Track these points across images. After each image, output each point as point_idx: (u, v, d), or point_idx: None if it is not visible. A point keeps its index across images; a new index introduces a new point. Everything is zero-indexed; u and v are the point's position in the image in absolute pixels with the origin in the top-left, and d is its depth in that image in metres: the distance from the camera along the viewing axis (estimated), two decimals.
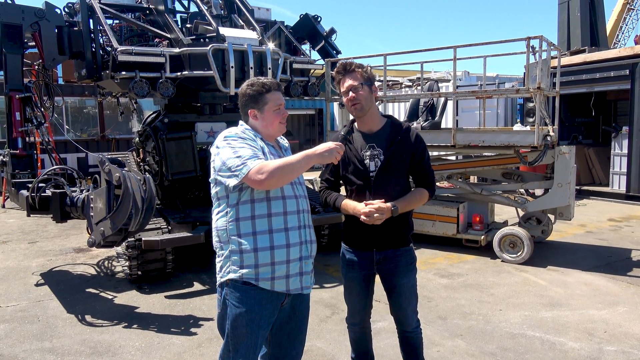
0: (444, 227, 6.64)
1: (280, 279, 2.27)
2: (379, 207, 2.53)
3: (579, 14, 14.19)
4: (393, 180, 2.67)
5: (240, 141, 2.25)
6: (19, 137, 5.63)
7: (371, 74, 2.71)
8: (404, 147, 2.67)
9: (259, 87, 2.34)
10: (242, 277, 2.25)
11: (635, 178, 10.01)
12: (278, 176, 2.13)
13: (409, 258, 2.78)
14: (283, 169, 2.15)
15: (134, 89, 5.33)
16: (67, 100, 13.97)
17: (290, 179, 2.26)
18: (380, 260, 2.73)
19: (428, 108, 7.23)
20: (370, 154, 2.68)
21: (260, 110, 2.34)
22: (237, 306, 2.27)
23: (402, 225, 2.72)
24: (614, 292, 5.02)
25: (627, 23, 32.45)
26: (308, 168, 2.23)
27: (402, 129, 2.72)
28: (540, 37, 5.58)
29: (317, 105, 20.51)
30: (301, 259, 2.33)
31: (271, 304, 2.30)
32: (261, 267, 2.23)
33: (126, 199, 4.00)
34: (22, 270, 6.00)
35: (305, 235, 2.36)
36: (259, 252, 2.23)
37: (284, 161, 2.18)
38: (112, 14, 6.05)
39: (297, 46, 7.20)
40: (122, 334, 4.14)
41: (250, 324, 2.27)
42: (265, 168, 2.12)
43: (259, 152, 2.24)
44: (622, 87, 10.22)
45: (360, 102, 2.64)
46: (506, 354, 3.73)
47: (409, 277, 2.78)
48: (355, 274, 2.79)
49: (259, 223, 2.23)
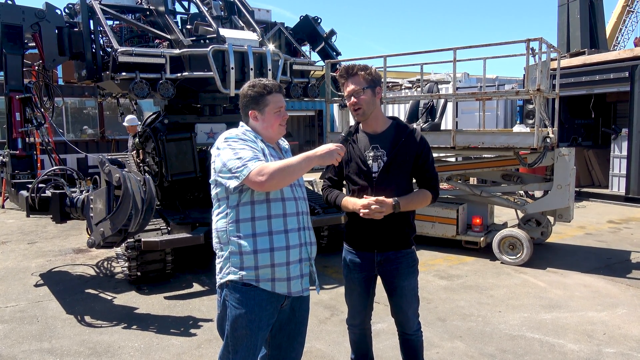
0: (444, 228, 6.65)
1: (281, 280, 2.27)
2: (377, 200, 2.53)
3: (578, 16, 14.23)
4: (395, 181, 2.66)
5: (241, 142, 2.24)
6: (19, 137, 5.63)
7: (376, 75, 2.69)
8: (407, 149, 2.67)
9: (260, 89, 2.33)
10: (242, 278, 2.25)
11: (634, 180, 10.02)
12: (279, 178, 2.13)
13: (410, 260, 2.77)
14: (284, 170, 2.14)
15: (134, 89, 5.33)
16: (67, 101, 13.98)
17: (291, 181, 2.26)
18: (381, 262, 2.72)
19: (428, 110, 7.24)
20: (374, 154, 2.68)
21: (261, 111, 2.34)
22: (236, 307, 2.27)
23: (403, 226, 2.72)
24: (613, 294, 5.02)
25: (627, 25, 32.50)
26: (309, 169, 2.23)
27: (407, 130, 2.72)
28: (540, 39, 5.59)
29: (317, 106, 20.51)
30: (301, 260, 2.33)
31: (271, 305, 2.30)
32: (261, 268, 2.23)
33: (126, 200, 4.00)
34: (22, 270, 5.99)
35: (305, 237, 2.35)
36: (259, 254, 2.22)
37: (285, 163, 2.18)
38: (112, 14, 6.06)
39: (297, 47, 7.21)
40: (122, 335, 4.14)
41: (250, 325, 2.26)
42: (265, 170, 2.11)
43: (260, 153, 2.24)
44: (621, 89, 10.23)
45: (361, 107, 2.64)
46: (505, 355, 3.73)
47: (410, 279, 2.77)
48: (357, 275, 2.79)
49: (259, 225, 2.23)
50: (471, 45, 6.19)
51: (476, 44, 6.18)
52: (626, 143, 10.20)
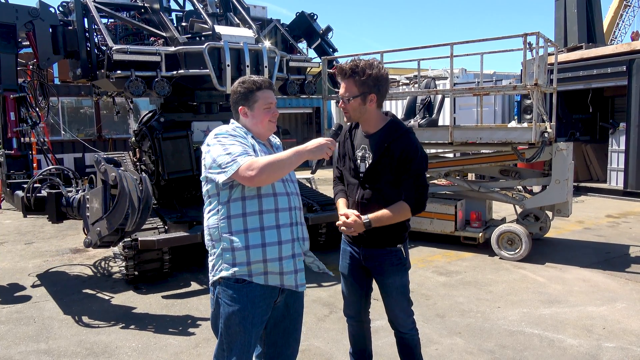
0: (442, 224, 6.63)
1: (274, 274, 2.27)
2: (349, 223, 2.57)
3: (575, 10, 14.19)
4: (378, 185, 2.61)
5: (231, 138, 2.23)
6: (14, 137, 5.59)
7: (375, 79, 2.51)
8: (392, 154, 2.55)
9: (249, 85, 2.33)
10: (235, 274, 2.23)
11: (632, 174, 10.02)
12: (268, 172, 2.12)
13: (395, 259, 2.68)
14: (273, 165, 2.13)
15: (129, 88, 5.30)
16: (64, 101, 13.92)
17: (281, 175, 2.24)
18: (366, 257, 2.73)
19: (425, 106, 7.22)
20: (362, 155, 2.67)
21: (251, 107, 2.34)
22: (229, 304, 2.26)
23: (387, 225, 2.61)
24: (612, 289, 5.02)
25: (624, 19, 32.53)
26: (299, 164, 2.21)
27: (397, 134, 2.58)
28: (537, 33, 5.56)
29: (315, 103, 20.50)
30: (294, 256, 2.32)
31: (264, 301, 2.29)
32: (253, 264, 2.23)
33: (122, 199, 3.97)
34: (19, 271, 5.96)
35: (297, 233, 2.34)
36: (251, 250, 2.21)
37: (274, 157, 2.17)
38: (106, 12, 6.02)
39: (293, 44, 7.17)
40: (119, 335, 4.12)
41: (244, 322, 2.25)
42: (255, 164, 2.10)
43: (250, 149, 2.22)
44: (619, 83, 10.21)
45: (348, 113, 2.62)
46: (505, 351, 3.72)
47: (395, 278, 2.70)
48: (347, 263, 2.83)
49: (250, 220, 2.22)
50: (468, 41, 6.16)
51: (473, 39, 6.14)
52: (624, 137, 10.19)
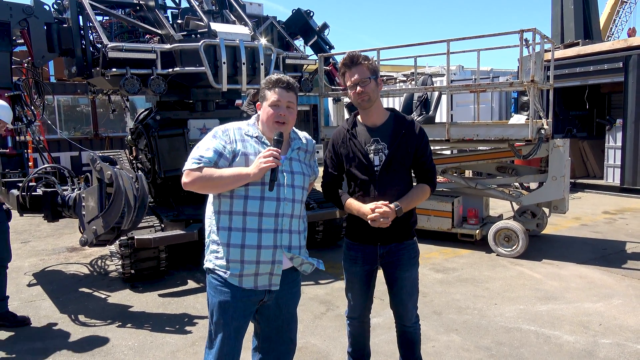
0: (439, 221, 6.64)
1: (248, 276, 2.28)
2: (384, 212, 2.51)
3: (572, 7, 14.21)
4: (398, 174, 2.65)
5: (215, 139, 2.29)
6: (9, 135, 5.56)
7: (376, 66, 2.71)
8: (408, 141, 2.65)
9: (266, 82, 2.37)
10: (215, 268, 2.30)
11: (629, 170, 10.04)
12: (198, 185, 2.22)
13: (412, 251, 2.77)
14: (207, 180, 2.20)
15: (125, 86, 5.26)
16: (60, 99, 13.85)
17: (214, 191, 2.29)
18: (383, 254, 2.72)
19: (422, 103, 7.21)
20: (375, 148, 2.65)
21: (262, 104, 2.37)
22: (212, 295, 2.34)
23: (407, 218, 2.72)
24: (608, 285, 5.03)
25: (621, 16, 32.58)
26: (238, 185, 2.22)
27: (407, 122, 2.71)
28: (534, 29, 5.56)
29: (312, 101, 20.43)
30: (274, 262, 2.30)
31: (246, 298, 2.31)
32: (231, 262, 2.27)
33: (118, 197, 3.96)
34: (15, 270, 5.93)
35: (281, 240, 2.30)
36: (231, 248, 2.26)
37: (215, 173, 2.20)
38: (101, 10, 5.97)
39: (289, 41, 7.14)
40: (115, 334, 4.11)
41: (224, 315, 2.30)
42: (192, 174, 2.21)
43: (227, 155, 2.25)
44: (615, 79, 10.23)
45: (368, 95, 2.63)
46: (501, 348, 3.73)
47: (412, 270, 2.76)
48: (358, 269, 2.77)
49: (235, 219, 2.26)
50: (464, 37, 6.15)
51: (470, 36, 6.14)
52: (621, 134, 10.21)
